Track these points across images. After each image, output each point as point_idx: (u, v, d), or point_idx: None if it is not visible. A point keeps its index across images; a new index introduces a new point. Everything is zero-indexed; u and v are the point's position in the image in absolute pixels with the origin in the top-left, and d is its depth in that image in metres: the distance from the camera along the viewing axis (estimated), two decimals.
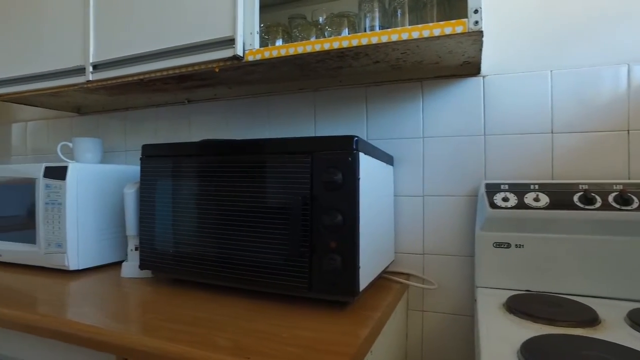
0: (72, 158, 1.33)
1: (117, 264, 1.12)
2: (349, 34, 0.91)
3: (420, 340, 1.02)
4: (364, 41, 0.78)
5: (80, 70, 1.08)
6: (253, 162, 0.79)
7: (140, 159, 0.91)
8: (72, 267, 1.01)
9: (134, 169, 1.19)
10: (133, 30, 1.00)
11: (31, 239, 1.07)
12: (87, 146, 1.28)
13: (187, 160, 0.86)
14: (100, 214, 1.08)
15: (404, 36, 0.75)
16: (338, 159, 0.72)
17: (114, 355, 0.73)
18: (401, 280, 0.96)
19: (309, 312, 0.73)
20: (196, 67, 0.92)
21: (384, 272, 0.96)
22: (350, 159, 0.72)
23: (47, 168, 1.04)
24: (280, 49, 0.85)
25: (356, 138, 0.72)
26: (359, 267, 0.72)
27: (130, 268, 0.98)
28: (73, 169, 1.01)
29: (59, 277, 1.00)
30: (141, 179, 0.91)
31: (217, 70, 0.91)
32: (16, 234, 1.11)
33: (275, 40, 0.96)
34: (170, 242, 0.87)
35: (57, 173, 1.02)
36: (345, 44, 0.80)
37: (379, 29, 0.89)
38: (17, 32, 1.22)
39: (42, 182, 1.04)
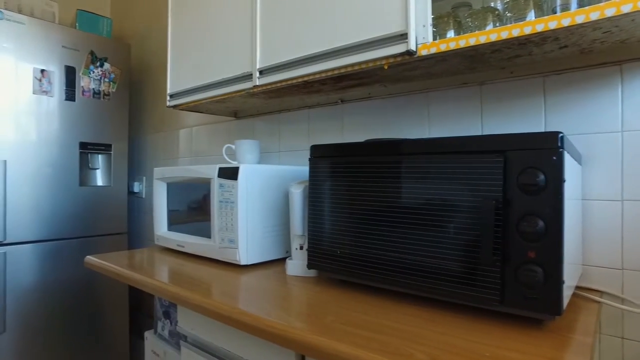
0: (233, 159, 1.44)
1: (277, 261, 1.18)
2: (535, 17, 0.80)
3: None
4: (565, 22, 0.68)
5: (248, 77, 1.16)
6: (431, 162, 0.74)
7: (309, 159, 0.93)
8: (243, 262, 1.08)
9: (292, 169, 1.24)
10: (298, 33, 1.03)
11: (207, 234, 1.18)
12: (247, 148, 1.38)
13: (357, 161, 0.85)
14: (264, 212, 1.14)
15: (626, 9, 0.63)
16: (540, 159, 0.63)
17: (293, 352, 0.76)
18: (597, 298, 0.82)
19: (500, 329, 0.66)
20: (363, 66, 0.91)
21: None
22: (555, 158, 0.62)
23: (220, 169, 1.13)
24: (459, 40, 0.78)
25: (561, 134, 0.63)
26: (563, 282, 0.62)
27: (296, 266, 1.01)
28: (243, 169, 1.08)
29: (231, 270, 1.08)
30: (310, 179, 0.92)
31: (386, 67, 0.88)
32: (195, 228, 1.24)
33: (445, 31, 0.90)
34: (340, 243, 0.87)
35: (230, 173, 1.10)
36: (539, 27, 0.70)
37: (577, 7, 0.76)
38: (193, 48, 1.36)
39: (216, 182, 1.13)
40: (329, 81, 1.10)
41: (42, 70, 1.81)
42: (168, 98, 1.47)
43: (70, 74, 1.91)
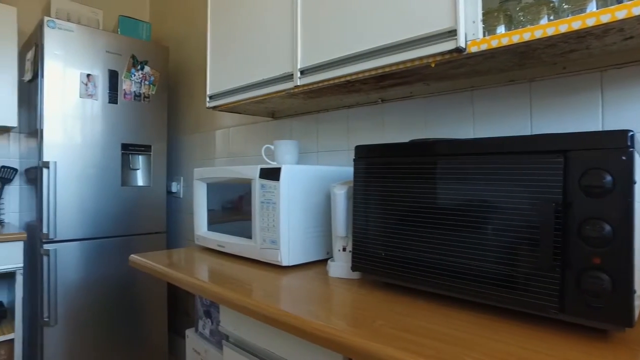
0: (272, 159, 1.44)
1: (318, 263, 1.17)
2: (597, 7, 0.76)
3: None
4: (637, 10, 0.63)
5: (289, 77, 1.16)
6: (483, 162, 0.71)
7: (354, 160, 0.91)
8: (284, 263, 1.08)
9: (333, 169, 1.23)
10: (340, 31, 1.02)
11: (248, 234, 1.18)
12: (286, 148, 1.38)
13: (403, 161, 0.83)
14: (305, 212, 1.13)
15: None
16: (607, 159, 0.60)
17: (341, 356, 0.74)
18: None
19: (559, 337, 0.63)
20: (409, 64, 0.88)
21: None
22: (624, 158, 0.59)
23: (262, 169, 1.13)
24: (512, 35, 0.75)
25: (631, 132, 0.59)
26: (634, 291, 0.58)
27: (339, 268, 1.00)
28: (285, 170, 1.08)
29: (272, 271, 1.08)
30: (354, 180, 0.91)
31: (433, 65, 0.86)
32: (235, 229, 1.25)
33: (494, 27, 0.87)
34: (385, 245, 0.85)
35: (271, 174, 1.10)
36: (604, 18, 0.66)
37: None
38: (232, 49, 1.37)
39: (258, 183, 1.14)
40: (370, 80, 1.08)
41: (88, 75, 1.88)
42: (207, 99, 1.49)
43: (113, 78, 1.97)
